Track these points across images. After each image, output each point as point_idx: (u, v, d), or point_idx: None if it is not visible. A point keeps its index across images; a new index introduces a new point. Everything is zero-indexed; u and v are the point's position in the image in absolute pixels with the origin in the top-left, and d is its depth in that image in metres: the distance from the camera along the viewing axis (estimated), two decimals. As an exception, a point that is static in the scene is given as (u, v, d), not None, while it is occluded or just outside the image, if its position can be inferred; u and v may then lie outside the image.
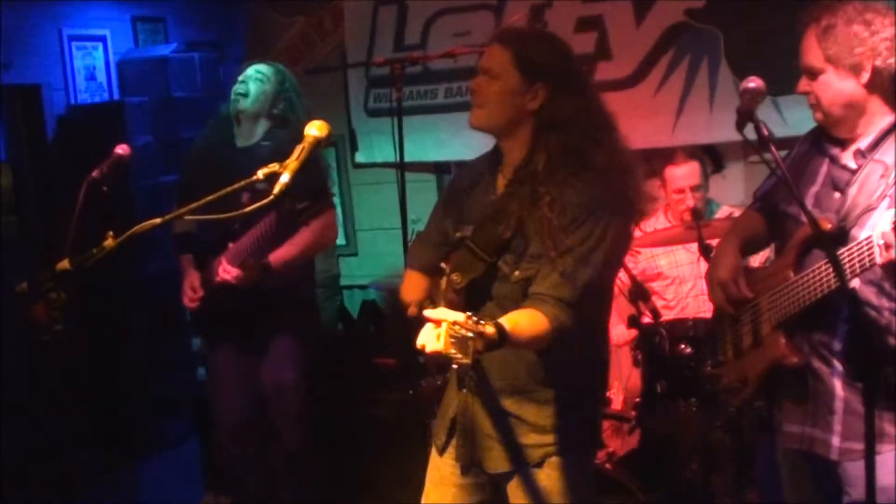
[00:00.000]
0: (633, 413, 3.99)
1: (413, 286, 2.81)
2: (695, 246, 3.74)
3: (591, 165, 2.50)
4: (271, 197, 2.34)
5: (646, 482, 3.81)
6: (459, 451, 2.72)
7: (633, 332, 3.91)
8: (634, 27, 4.91)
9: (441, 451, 2.78)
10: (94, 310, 5.22)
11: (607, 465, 3.82)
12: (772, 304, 2.66)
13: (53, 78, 5.78)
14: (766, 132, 2.39)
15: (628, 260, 4.11)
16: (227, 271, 3.95)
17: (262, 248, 3.96)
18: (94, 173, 3.62)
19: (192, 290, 4.15)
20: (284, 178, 2.35)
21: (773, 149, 2.39)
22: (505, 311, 2.39)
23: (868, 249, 2.35)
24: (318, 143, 2.45)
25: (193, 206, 2.44)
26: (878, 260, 2.32)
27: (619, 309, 4.25)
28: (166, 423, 5.71)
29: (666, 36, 4.86)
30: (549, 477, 2.62)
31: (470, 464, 2.71)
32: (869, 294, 2.51)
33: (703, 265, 3.08)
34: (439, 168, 5.85)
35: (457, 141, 5.32)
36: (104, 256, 2.44)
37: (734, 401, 2.89)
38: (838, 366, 2.57)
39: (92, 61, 6.00)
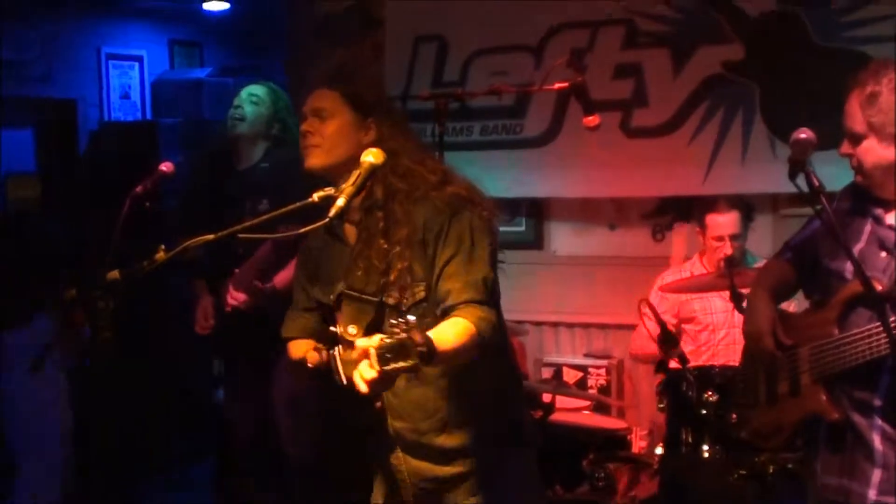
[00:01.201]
0: (656, 457, 3.98)
1: (298, 347, 2.76)
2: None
3: (425, 183, 2.59)
4: (326, 220, 2.38)
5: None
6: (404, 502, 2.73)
7: (660, 377, 3.92)
8: (672, 76, 4.94)
9: None
10: (124, 327, 5.23)
11: (628, 509, 3.82)
12: (814, 357, 2.66)
13: (88, 94, 5.85)
14: (817, 183, 2.43)
15: (656, 303, 4.13)
16: (234, 298, 4.01)
17: (266, 272, 4.01)
18: (138, 188, 3.66)
19: (204, 319, 4.22)
20: (340, 202, 2.39)
21: (825, 200, 2.42)
22: None
23: None
24: (374, 170, 2.49)
25: (245, 225, 2.48)
26: None
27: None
28: (181, 443, 5.71)
29: (703, 86, 4.88)
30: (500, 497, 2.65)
31: None
32: None
33: (739, 315, 3.08)
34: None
35: (491, 177, 5.26)
36: (154, 269, 2.47)
37: (766, 444, 2.90)
38: (878, 420, 2.58)
39: (128, 80, 6.09)
